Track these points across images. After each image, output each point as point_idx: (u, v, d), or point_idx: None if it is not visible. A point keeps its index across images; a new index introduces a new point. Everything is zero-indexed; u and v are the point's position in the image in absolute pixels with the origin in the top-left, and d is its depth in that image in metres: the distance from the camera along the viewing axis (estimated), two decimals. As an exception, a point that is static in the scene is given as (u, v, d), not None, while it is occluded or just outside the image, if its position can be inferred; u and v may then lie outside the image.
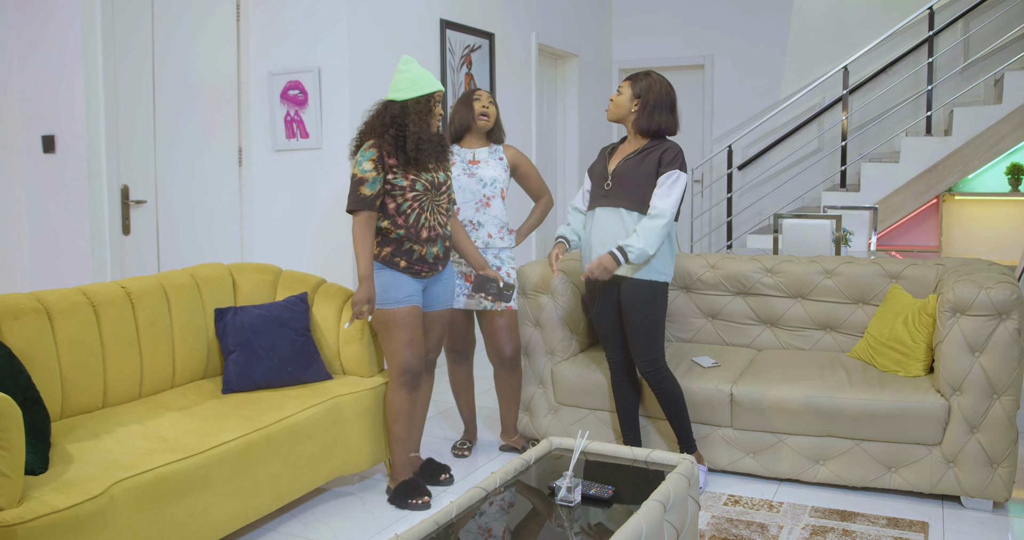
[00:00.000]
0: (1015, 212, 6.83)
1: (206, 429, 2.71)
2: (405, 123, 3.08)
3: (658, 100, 3.15)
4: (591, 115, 7.34)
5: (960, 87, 6.78)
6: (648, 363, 3.18)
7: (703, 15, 7.54)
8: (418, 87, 3.12)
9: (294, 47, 4.49)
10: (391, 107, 3.13)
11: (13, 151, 4.18)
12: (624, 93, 3.20)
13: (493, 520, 2.20)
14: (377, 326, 3.18)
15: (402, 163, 3.10)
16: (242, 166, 4.61)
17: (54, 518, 2.07)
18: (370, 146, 3.10)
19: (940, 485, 3.10)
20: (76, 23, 3.92)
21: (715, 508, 3.10)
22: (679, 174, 3.10)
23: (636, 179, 3.13)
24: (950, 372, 3.07)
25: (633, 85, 3.18)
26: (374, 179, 3.07)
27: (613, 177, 3.19)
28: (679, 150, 3.15)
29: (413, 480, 3.19)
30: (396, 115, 3.11)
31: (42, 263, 4.16)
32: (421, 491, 3.16)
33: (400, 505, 3.14)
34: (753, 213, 7.44)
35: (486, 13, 5.64)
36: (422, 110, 3.12)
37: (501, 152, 3.63)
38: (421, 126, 3.11)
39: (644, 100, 3.15)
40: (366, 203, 3.07)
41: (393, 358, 3.15)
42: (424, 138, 3.12)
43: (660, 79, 3.19)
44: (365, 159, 3.08)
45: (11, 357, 2.46)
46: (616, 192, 3.17)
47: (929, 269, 3.64)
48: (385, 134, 3.11)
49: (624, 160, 3.20)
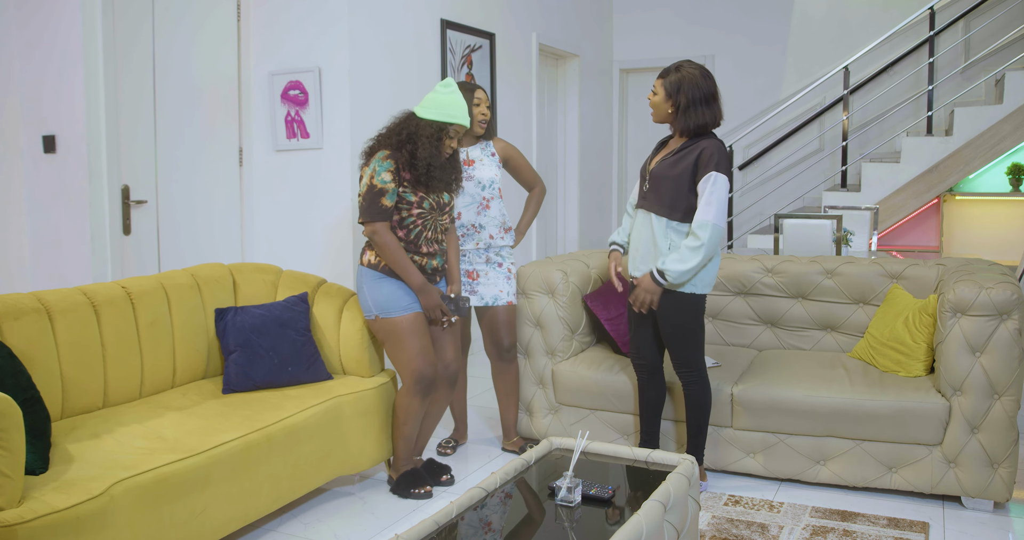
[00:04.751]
0: (1016, 212, 6.83)
1: (206, 429, 2.71)
2: (417, 144, 3.06)
3: (691, 98, 2.96)
4: (592, 115, 7.34)
5: (961, 87, 6.78)
6: (682, 365, 3.14)
7: (704, 15, 7.54)
8: (440, 112, 3.08)
9: (295, 47, 4.49)
10: (412, 121, 3.11)
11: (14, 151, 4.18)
12: (659, 93, 3.03)
13: (493, 520, 2.20)
14: (384, 337, 3.17)
15: (413, 180, 3.10)
16: (243, 166, 4.61)
17: (54, 518, 2.07)
18: (387, 157, 3.07)
19: (941, 485, 3.10)
20: (77, 23, 3.92)
21: (715, 508, 3.10)
22: (715, 176, 2.92)
23: (669, 182, 3.00)
24: (951, 372, 3.07)
25: (664, 83, 3.02)
26: (393, 190, 3.06)
27: (650, 179, 3.08)
28: (717, 148, 2.96)
29: (416, 471, 3.21)
30: (412, 132, 3.08)
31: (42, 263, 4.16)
32: (423, 481, 3.19)
33: (403, 494, 3.17)
34: (754, 213, 7.44)
35: (487, 13, 5.64)
36: (432, 135, 3.07)
37: (492, 147, 3.64)
38: (431, 151, 3.06)
39: (676, 101, 2.99)
40: (386, 215, 3.06)
41: (407, 367, 3.14)
42: (435, 165, 3.08)
43: (690, 72, 2.98)
44: (384, 170, 3.05)
45: (11, 357, 2.46)
46: (650, 195, 3.07)
47: (930, 269, 3.63)
48: (402, 149, 3.08)
49: (661, 160, 3.07)
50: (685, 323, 3.09)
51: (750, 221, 7.45)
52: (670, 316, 3.09)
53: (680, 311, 3.08)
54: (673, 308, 3.07)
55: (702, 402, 3.17)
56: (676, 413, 3.43)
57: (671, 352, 3.15)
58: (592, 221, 7.44)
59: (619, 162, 7.94)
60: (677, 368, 3.17)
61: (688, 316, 3.09)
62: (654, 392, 3.27)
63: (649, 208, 3.06)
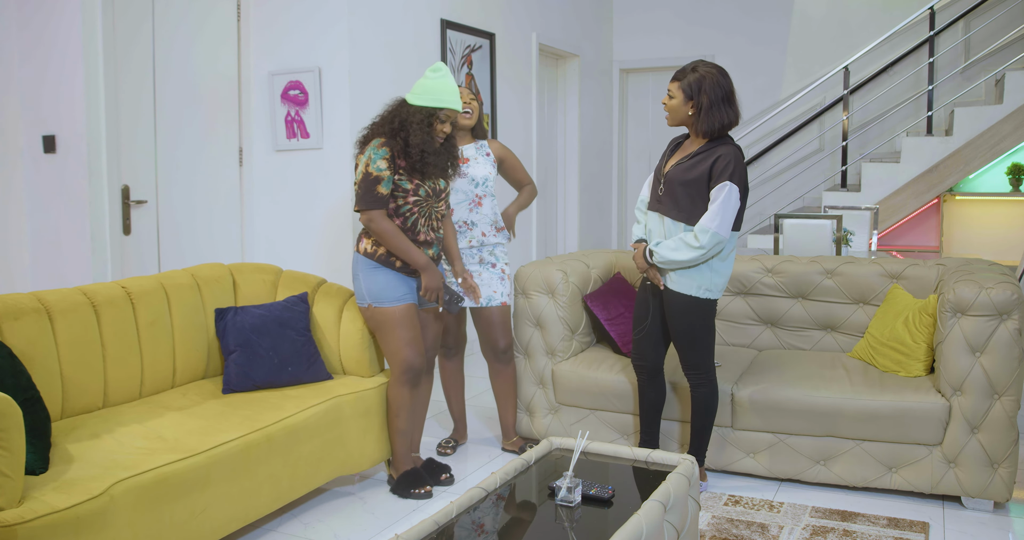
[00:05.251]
0: (1016, 212, 6.83)
1: (206, 429, 2.71)
2: (409, 131, 3.06)
3: (713, 98, 2.92)
4: (592, 115, 7.34)
5: (961, 87, 6.78)
6: (690, 367, 3.15)
7: (704, 15, 7.54)
8: (429, 98, 3.07)
9: (295, 47, 4.49)
10: (404, 108, 3.11)
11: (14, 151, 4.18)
12: (676, 96, 2.98)
13: (493, 520, 2.20)
14: (375, 326, 3.19)
15: (408, 167, 3.10)
16: (243, 166, 4.61)
17: (54, 518, 2.07)
18: (382, 145, 3.07)
19: (941, 485, 3.10)
20: (77, 23, 3.92)
21: (715, 508, 3.10)
22: (728, 187, 2.88)
23: (684, 187, 2.97)
24: (951, 372, 3.07)
25: (682, 86, 2.97)
26: (388, 178, 3.06)
27: (665, 182, 3.05)
28: (734, 156, 2.91)
29: (415, 470, 3.22)
30: (404, 120, 3.08)
31: (42, 263, 4.16)
32: (423, 481, 3.19)
33: (403, 494, 3.17)
34: (754, 213, 7.43)
35: (487, 13, 5.64)
36: (423, 121, 3.06)
37: (487, 147, 3.63)
38: (423, 137, 3.06)
39: (698, 102, 2.94)
40: (383, 202, 3.06)
41: (395, 356, 3.15)
42: (428, 151, 3.08)
43: (708, 71, 2.95)
44: (379, 157, 3.05)
45: (11, 357, 2.46)
46: (665, 199, 3.04)
47: (930, 269, 3.63)
48: (396, 137, 3.08)
49: (677, 163, 3.03)
50: (695, 326, 3.09)
51: (750, 221, 7.45)
52: (680, 318, 3.09)
53: (690, 314, 3.07)
54: (684, 311, 3.07)
55: (709, 404, 3.17)
56: (679, 413, 3.43)
57: (680, 354, 3.15)
58: (592, 221, 7.44)
59: (619, 162, 7.93)
60: (686, 370, 3.17)
61: (698, 319, 3.08)
62: (654, 393, 3.27)
63: (665, 212, 3.05)
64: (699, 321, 3.08)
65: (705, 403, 3.16)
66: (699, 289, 3.03)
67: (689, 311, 3.06)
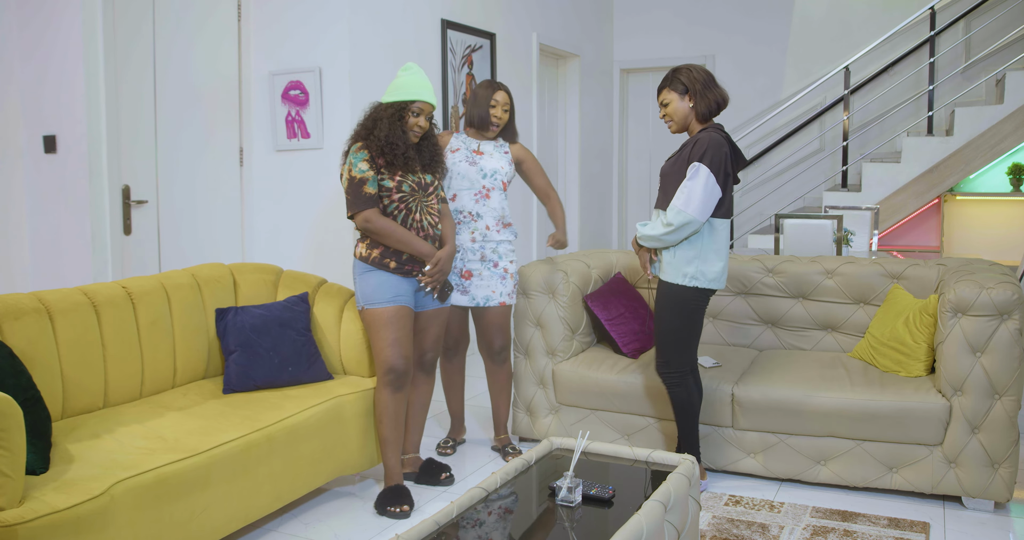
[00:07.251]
0: (1016, 212, 6.82)
1: (207, 429, 2.71)
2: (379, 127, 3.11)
3: (702, 81, 3.08)
4: (592, 115, 7.34)
5: (961, 87, 6.77)
6: (661, 364, 3.15)
7: (704, 15, 7.54)
8: (398, 93, 3.14)
9: (295, 47, 4.49)
10: (377, 109, 3.18)
11: (14, 151, 4.18)
12: (671, 99, 3.13)
13: (493, 520, 2.20)
14: (365, 326, 3.19)
15: (387, 163, 3.13)
16: (243, 166, 4.62)
17: (55, 518, 2.07)
18: (360, 148, 3.13)
19: (941, 485, 3.10)
20: (77, 23, 3.92)
21: (716, 508, 3.10)
22: (698, 167, 2.97)
23: (670, 179, 3.10)
24: (951, 372, 3.07)
25: (674, 85, 3.12)
26: (373, 178, 3.10)
27: (660, 178, 3.18)
28: (709, 142, 3.00)
29: (398, 487, 3.13)
30: (377, 118, 3.15)
31: (43, 263, 4.16)
32: (403, 499, 3.09)
33: (380, 511, 3.09)
34: (754, 213, 7.43)
35: (487, 13, 5.64)
36: (393, 115, 3.11)
37: (507, 147, 3.64)
38: (392, 132, 3.10)
39: (693, 90, 3.08)
40: (373, 201, 3.08)
41: (378, 357, 3.13)
42: (396, 142, 3.10)
43: (687, 67, 3.14)
44: (359, 160, 3.10)
45: (12, 357, 2.46)
46: (659, 194, 3.16)
47: (930, 269, 3.63)
48: (371, 136, 3.14)
49: (668, 159, 3.19)
50: (665, 317, 3.10)
51: (750, 221, 7.45)
52: (664, 309, 3.11)
53: (675, 304, 3.08)
54: (668, 301, 3.09)
55: (685, 406, 3.15)
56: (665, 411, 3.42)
57: (657, 349, 3.16)
58: (592, 221, 7.44)
59: (619, 162, 7.93)
60: (661, 368, 3.16)
61: (669, 309, 3.09)
62: (700, 393, 3.22)
63: (659, 206, 3.13)
64: (672, 312, 3.08)
65: (681, 405, 3.15)
66: (684, 277, 3.05)
67: (675, 302, 3.07)
